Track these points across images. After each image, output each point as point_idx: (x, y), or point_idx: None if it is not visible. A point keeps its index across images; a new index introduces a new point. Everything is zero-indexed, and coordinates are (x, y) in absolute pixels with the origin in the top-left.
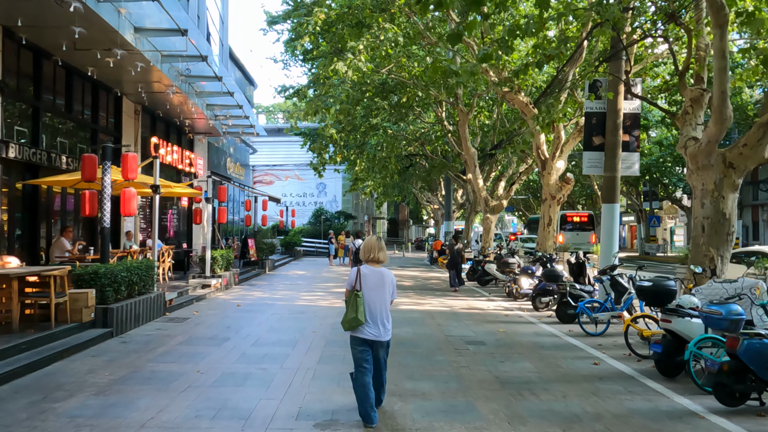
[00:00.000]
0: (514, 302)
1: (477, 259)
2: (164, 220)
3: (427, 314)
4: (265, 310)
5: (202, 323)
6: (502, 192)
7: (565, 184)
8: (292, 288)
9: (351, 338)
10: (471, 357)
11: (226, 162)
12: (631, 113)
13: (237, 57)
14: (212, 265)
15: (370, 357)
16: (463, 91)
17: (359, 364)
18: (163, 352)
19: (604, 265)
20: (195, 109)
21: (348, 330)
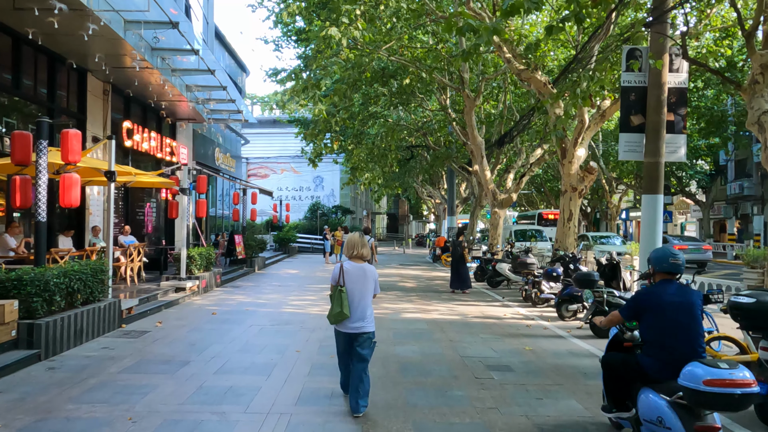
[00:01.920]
0: (534, 309)
1: (487, 258)
2: (140, 214)
3: (436, 325)
4: (244, 319)
5: (161, 339)
6: (511, 185)
7: (588, 173)
8: (281, 290)
9: (335, 332)
10: (498, 390)
11: (214, 152)
12: (676, 88)
13: (227, 41)
14: (189, 265)
15: (352, 346)
16: (469, 76)
17: (342, 353)
18: (96, 385)
19: (647, 267)
20: (171, 89)
21: (333, 324)
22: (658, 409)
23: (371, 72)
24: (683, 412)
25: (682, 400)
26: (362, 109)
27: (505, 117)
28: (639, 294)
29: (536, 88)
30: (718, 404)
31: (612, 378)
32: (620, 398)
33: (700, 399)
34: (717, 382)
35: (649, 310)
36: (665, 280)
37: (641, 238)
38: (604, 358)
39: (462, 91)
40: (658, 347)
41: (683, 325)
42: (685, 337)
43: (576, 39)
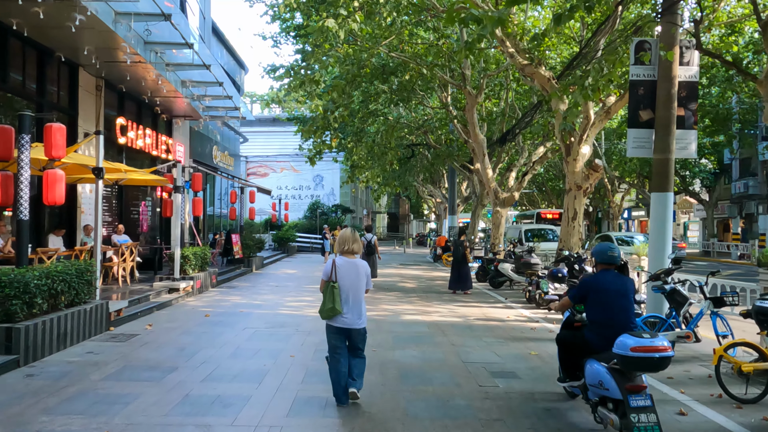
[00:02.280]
0: (538, 310)
1: (488, 258)
2: (134, 212)
3: (437, 327)
4: (238, 321)
5: (150, 343)
6: (513, 183)
7: (593, 171)
8: (278, 291)
9: (327, 326)
10: (504, 401)
11: (212, 150)
12: (687, 82)
13: (225, 38)
14: (183, 265)
15: (345, 344)
16: (471, 72)
17: (334, 351)
18: (75, 394)
19: (656, 268)
20: (165, 84)
21: (325, 319)
22: (599, 375)
23: (371, 68)
24: (618, 375)
25: (617, 365)
26: (362, 107)
27: (507, 115)
28: (584, 281)
29: (540, 83)
30: (642, 366)
31: (565, 353)
32: (572, 370)
33: (629, 363)
34: (641, 348)
35: (593, 294)
36: (605, 270)
37: (650, 237)
38: (559, 336)
39: (463, 88)
40: (600, 324)
41: (619, 306)
42: (620, 315)
43: (580, 35)
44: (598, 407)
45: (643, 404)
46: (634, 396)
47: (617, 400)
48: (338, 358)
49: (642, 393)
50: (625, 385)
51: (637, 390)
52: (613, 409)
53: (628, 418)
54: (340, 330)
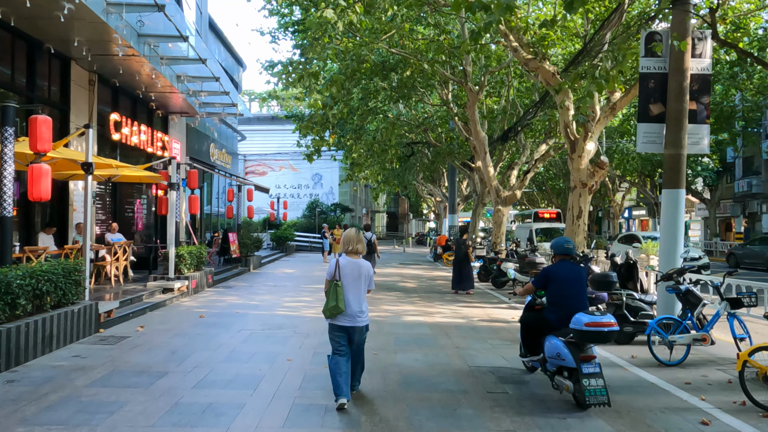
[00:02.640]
0: None
1: (491, 257)
2: (129, 210)
3: (439, 329)
4: (234, 323)
5: (141, 346)
6: (514, 181)
7: (599, 168)
8: (276, 291)
9: (329, 325)
10: (514, 408)
11: (209, 148)
12: (699, 74)
13: (223, 34)
14: (178, 265)
15: (347, 342)
16: (472, 69)
17: (336, 348)
18: (57, 402)
19: (667, 267)
20: (160, 79)
21: (329, 318)
22: (557, 348)
23: (370, 65)
24: (573, 347)
25: (572, 339)
26: (361, 104)
27: (508, 112)
28: (546, 270)
29: (544, 78)
30: (594, 338)
31: (527, 332)
32: (532, 346)
33: (583, 336)
34: (593, 323)
35: (553, 281)
36: (562, 260)
37: (662, 235)
38: (522, 317)
39: (465, 84)
40: (558, 306)
41: (575, 290)
42: (575, 297)
43: (584, 30)
44: (555, 376)
45: (593, 371)
46: (586, 364)
47: (572, 368)
48: (341, 357)
49: (592, 362)
50: (579, 355)
51: (589, 359)
52: (568, 377)
53: (581, 383)
54: (342, 329)
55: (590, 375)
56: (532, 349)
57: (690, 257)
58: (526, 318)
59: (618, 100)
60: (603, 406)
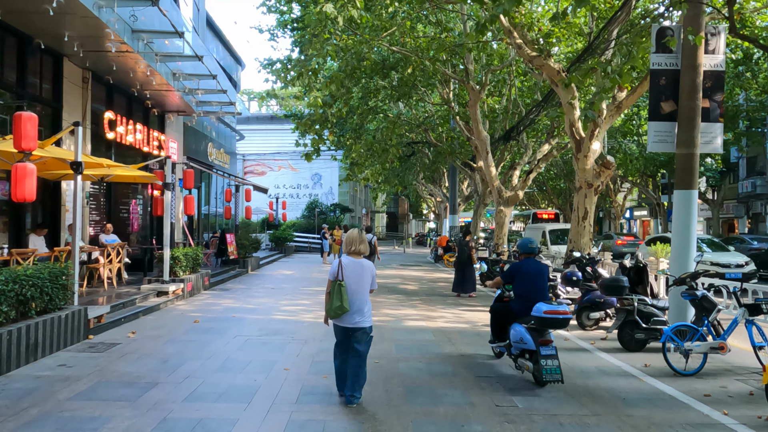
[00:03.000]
0: None
1: (493, 259)
2: (124, 211)
3: (443, 335)
4: (230, 328)
5: (130, 354)
6: (517, 182)
7: (604, 168)
8: (274, 293)
9: (334, 327)
10: (525, 424)
11: (206, 147)
12: (712, 71)
13: (221, 32)
14: (173, 267)
15: (349, 341)
16: (474, 67)
17: (341, 350)
18: (37, 418)
19: (680, 271)
20: (155, 77)
21: (333, 318)
22: (520, 333)
23: (371, 63)
24: (534, 332)
25: (533, 325)
26: (361, 103)
27: (510, 111)
28: (513, 266)
29: (549, 76)
30: (551, 324)
31: (496, 320)
32: (500, 333)
33: (543, 322)
34: (551, 312)
35: (519, 276)
36: (527, 258)
37: (673, 237)
38: (492, 308)
39: (466, 83)
40: (522, 297)
41: (537, 284)
42: (537, 290)
43: (588, 28)
44: (518, 359)
45: (550, 353)
46: (544, 347)
47: (532, 351)
48: (344, 357)
49: (549, 345)
50: (539, 339)
51: (547, 343)
52: (529, 358)
53: (539, 363)
54: (346, 329)
55: (548, 356)
56: (499, 336)
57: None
58: (495, 308)
59: (624, 98)
60: (557, 383)
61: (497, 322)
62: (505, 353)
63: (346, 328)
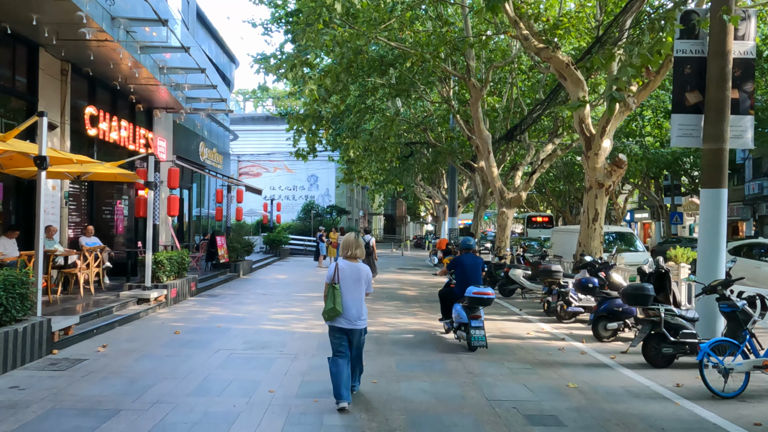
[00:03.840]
0: (560, 324)
1: (496, 263)
2: (107, 212)
3: (445, 346)
4: (213, 340)
5: (96, 372)
6: (519, 183)
7: (616, 167)
8: (264, 300)
9: (329, 328)
10: None
11: (198, 147)
12: (742, 59)
13: (213, 28)
14: (156, 272)
15: (347, 343)
16: (476, 64)
17: (337, 350)
18: None
19: (708, 278)
20: (140, 70)
21: (327, 321)
22: (458, 311)
23: (368, 60)
24: (467, 309)
25: (466, 304)
26: (358, 102)
27: (512, 110)
28: (455, 259)
29: (557, 69)
30: (478, 302)
31: (443, 302)
32: (447, 312)
33: (472, 301)
34: (478, 293)
35: (459, 266)
36: (465, 253)
37: (700, 241)
38: (440, 292)
39: (468, 80)
40: (461, 282)
41: (472, 272)
42: (472, 277)
43: (597, 20)
44: (457, 330)
45: (478, 326)
46: (474, 321)
47: (466, 324)
48: (340, 356)
49: (479, 319)
50: (470, 315)
51: (476, 317)
52: (464, 330)
53: (469, 333)
54: (341, 331)
55: (476, 328)
56: (447, 315)
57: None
58: (443, 293)
59: (635, 93)
60: (483, 348)
61: (444, 304)
62: (451, 328)
63: (343, 329)
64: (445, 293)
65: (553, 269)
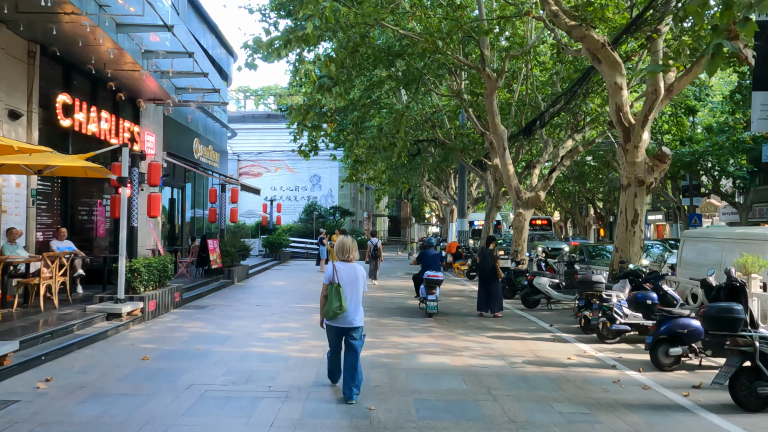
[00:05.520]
0: (603, 345)
1: (516, 270)
2: (84, 213)
3: (476, 381)
4: (186, 370)
5: (22, 423)
6: (537, 181)
7: (659, 162)
8: (258, 313)
9: (328, 327)
10: None
11: (192, 143)
12: None
13: (210, 19)
14: (131, 282)
15: (342, 341)
16: (490, 51)
17: (334, 346)
18: None
19: None
20: (115, 49)
21: (330, 319)
22: (422, 289)
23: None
24: (426, 288)
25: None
26: (363, 95)
27: (527, 104)
28: (421, 253)
29: (591, 50)
30: (432, 283)
31: (416, 284)
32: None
33: (428, 282)
34: (431, 275)
35: (424, 258)
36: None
37: None
38: (414, 276)
39: (482, 70)
40: (423, 269)
41: (432, 262)
42: (431, 265)
43: None
44: (421, 303)
45: (432, 299)
46: (430, 296)
47: (425, 298)
48: (338, 352)
49: (433, 295)
50: (427, 291)
51: (432, 293)
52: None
53: (426, 304)
54: (340, 330)
55: (430, 300)
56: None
57: None
58: (415, 277)
59: (675, 80)
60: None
61: (416, 285)
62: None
63: (342, 329)
64: (416, 277)
65: (594, 280)
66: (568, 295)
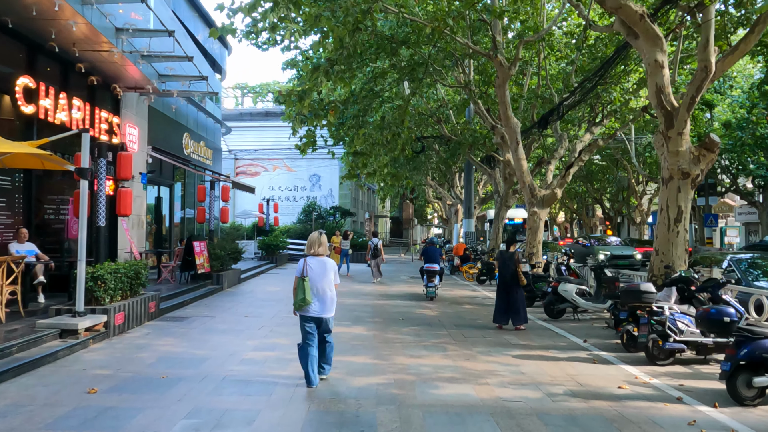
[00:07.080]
0: (655, 367)
1: (536, 274)
2: (51, 211)
3: (509, 419)
4: (139, 411)
5: None
6: (552, 178)
7: (706, 151)
8: (245, 325)
9: (301, 317)
10: None
11: (182, 138)
12: None
13: (203, 9)
14: (93, 291)
15: (316, 331)
16: (502, 38)
17: (306, 338)
18: None
19: None
20: (83, 24)
21: (298, 310)
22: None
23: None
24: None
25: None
26: (365, 87)
27: (539, 96)
28: (423, 249)
29: (628, 21)
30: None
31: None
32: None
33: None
34: (429, 267)
35: (425, 253)
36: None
37: None
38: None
39: (494, 58)
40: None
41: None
42: (430, 258)
43: None
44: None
45: (431, 285)
46: (429, 283)
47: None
48: (309, 345)
49: (432, 282)
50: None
51: (431, 281)
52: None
53: (426, 289)
54: (312, 319)
55: (430, 287)
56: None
57: None
58: (421, 269)
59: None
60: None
61: (421, 274)
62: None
63: (313, 318)
64: (421, 269)
65: (643, 290)
66: (599, 304)
